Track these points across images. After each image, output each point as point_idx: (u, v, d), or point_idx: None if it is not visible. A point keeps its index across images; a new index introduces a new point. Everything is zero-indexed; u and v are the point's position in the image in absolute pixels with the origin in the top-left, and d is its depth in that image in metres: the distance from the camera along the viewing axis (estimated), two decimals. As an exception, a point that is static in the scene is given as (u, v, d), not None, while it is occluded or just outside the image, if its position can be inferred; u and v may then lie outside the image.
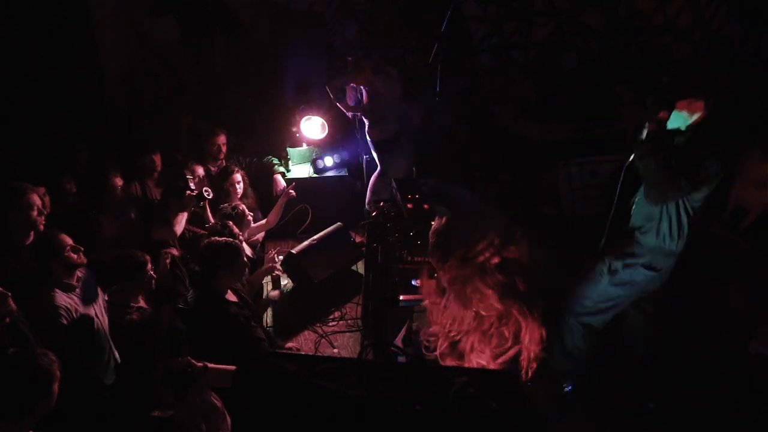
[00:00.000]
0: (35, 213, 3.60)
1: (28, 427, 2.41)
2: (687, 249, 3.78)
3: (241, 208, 4.74)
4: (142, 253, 3.51)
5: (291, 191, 5.35)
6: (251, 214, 4.90)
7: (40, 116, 5.59)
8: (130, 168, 5.20)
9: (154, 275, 3.61)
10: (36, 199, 3.64)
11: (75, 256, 3.34)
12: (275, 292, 4.73)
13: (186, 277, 4.01)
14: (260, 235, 5.45)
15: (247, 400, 1.48)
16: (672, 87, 3.47)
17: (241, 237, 4.41)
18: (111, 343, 3.45)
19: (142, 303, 3.32)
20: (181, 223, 4.50)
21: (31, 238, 3.64)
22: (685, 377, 4.13)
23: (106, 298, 3.48)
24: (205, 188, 4.73)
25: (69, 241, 3.38)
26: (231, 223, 4.38)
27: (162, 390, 2.60)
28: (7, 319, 2.83)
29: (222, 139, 5.64)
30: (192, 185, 4.59)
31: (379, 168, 5.84)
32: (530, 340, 2.67)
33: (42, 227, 3.68)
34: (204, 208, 4.90)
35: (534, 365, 2.72)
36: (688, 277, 5.05)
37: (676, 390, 4.06)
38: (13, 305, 2.87)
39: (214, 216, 4.87)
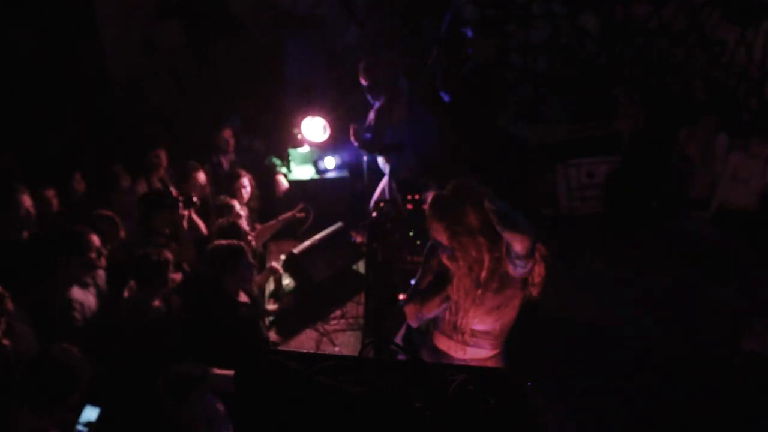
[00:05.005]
0: (23, 213, 3.70)
1: (55, 424, 2.48)
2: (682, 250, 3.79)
3: (239, 224, 4.32)
4: (162, 252, 3.45)
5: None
6: (251, 234, 4.55)
7: (47, 117, 5.66)
8: (136, 165, 5.26)
9: (173, 278, 3.63)
10: (25, 200, 3.74)
11: (95, 257, 3.43)
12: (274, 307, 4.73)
13: None
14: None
15: (248, 398, 1.52)
16: None
17: (250, 238, 4.35)
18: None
19: (158, 304, 3.38)
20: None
21: (26, 236, 3.75)
22: (678, 376, 4.19)
23: (126, 294, 3.53)
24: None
25: (97, 243, 3.45)
26: (240, 222, 4.28)
27: (163, 396, 2.65)
28: (4, 320, 2.90)
29: (228, 133, 5.80)
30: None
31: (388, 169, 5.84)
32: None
33: (33, 226, 3.77)
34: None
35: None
36: (683, 277, 5.13)
37: (669, 389, 4.13)
38: (10, 305, 2.93)
39: (209, 227, 4.70)
